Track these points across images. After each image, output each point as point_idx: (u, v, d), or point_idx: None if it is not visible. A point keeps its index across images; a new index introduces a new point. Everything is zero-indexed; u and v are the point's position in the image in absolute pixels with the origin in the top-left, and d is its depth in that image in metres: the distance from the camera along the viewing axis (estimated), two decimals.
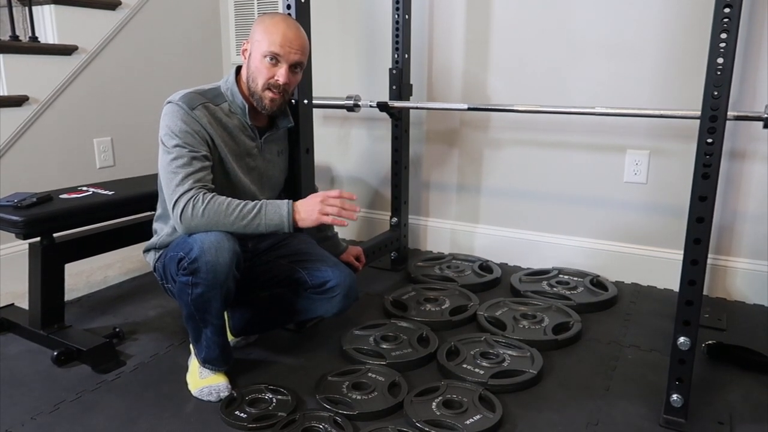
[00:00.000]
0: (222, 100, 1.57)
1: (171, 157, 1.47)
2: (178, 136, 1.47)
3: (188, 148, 1.47)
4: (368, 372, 1.62)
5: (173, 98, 1.51)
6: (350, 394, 1.51)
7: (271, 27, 1.51)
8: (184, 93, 1.52)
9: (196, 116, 1.49)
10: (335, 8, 2.70)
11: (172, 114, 1.49)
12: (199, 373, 1.56)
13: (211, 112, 1.53)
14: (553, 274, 2.32)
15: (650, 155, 2.21)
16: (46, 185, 2.27)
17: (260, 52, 1.51)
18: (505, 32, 2.37)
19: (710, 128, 1.26)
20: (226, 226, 1.44)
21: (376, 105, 2.24)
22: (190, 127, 1.48)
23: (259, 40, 1.52)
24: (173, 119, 1.48)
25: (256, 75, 1.53)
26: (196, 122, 1.49)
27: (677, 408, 1.40)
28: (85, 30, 2.50)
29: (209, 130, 1.51)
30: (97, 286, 2.31)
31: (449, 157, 2.60)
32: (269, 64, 1.51)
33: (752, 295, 2.13)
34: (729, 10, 1.21)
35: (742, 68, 1.99)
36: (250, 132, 1.61)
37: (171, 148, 1.47)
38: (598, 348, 1.81)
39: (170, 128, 1.48)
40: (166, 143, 1.48)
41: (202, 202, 1.43)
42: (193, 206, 1.43)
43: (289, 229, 1.48)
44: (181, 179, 1.44)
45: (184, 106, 1.49)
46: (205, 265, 1.40)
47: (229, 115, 1.57)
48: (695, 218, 1.30)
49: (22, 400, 1.54)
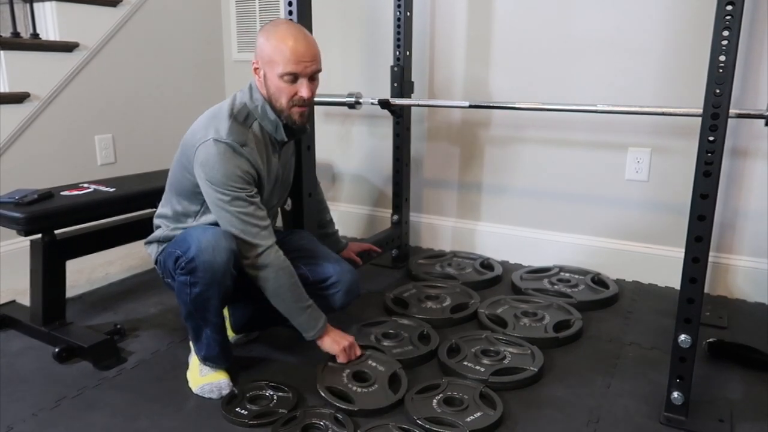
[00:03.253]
0: (252, 120, 1.53)
1: (228, 198, 1.45)
2: (233, 184, 1.44)
3: (245, 192, 1.46)
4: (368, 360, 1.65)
5: (219, 136, 1.44)
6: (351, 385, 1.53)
7: (280, 44, 1.46)
8: (228, 126, 1.46)
9: (247, 154, 1.46)
10: (336, 5, 2.70)
11: (223, 157, 1.43)
12: (200, 371, 1.57)
13: (257, 142, 1.51)
14: (554, 272, 2.32)
15: (652, 153, 2.20)
16: (48, 182, 2.27)
17: (276, 73, 1.47)
18: (507, 29, 2.37)
19: (712, 126, 1.26)
20: (284, 296, 1.53)
21: (377, 102, 2.24)
22: (242, 171, 1.45)
23: (270, 60, 1.47)
24: (225, 165, 1.43)
25: (279, 95, 1.50)
26: (248, 162, 1.46)
27: (678, 406, 1.39)
28: (87, 27, 2.50)
29: (258, 164, 1.50)
30: (98, 283, 2.31)
31: (451, 154, 2.60)
32: (288, 82, 1.48)
33: (753, 293, 2.13)
34: (731, 7, 1.20)
35: (744, 66, 1.99)
36: (277, 146, 1.59)
37: (226, 191, 1.44)
38: (599, 346, 1.81)
39: (224, 175, 1.43)
40: (218, 185, 1.44)
41: (283, 261, 1.51)
42: (277, 260, 1.50)
43: (310, 339, 1.59)
44: (250, 220, 1.46)
45: (235, 145, 1.45)
46: (203, 264, 1.40)
47: (263, 136, 1.54)
48: (697, 216, 1.30)
49: (23, 396, 1.54)
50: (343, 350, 1.59)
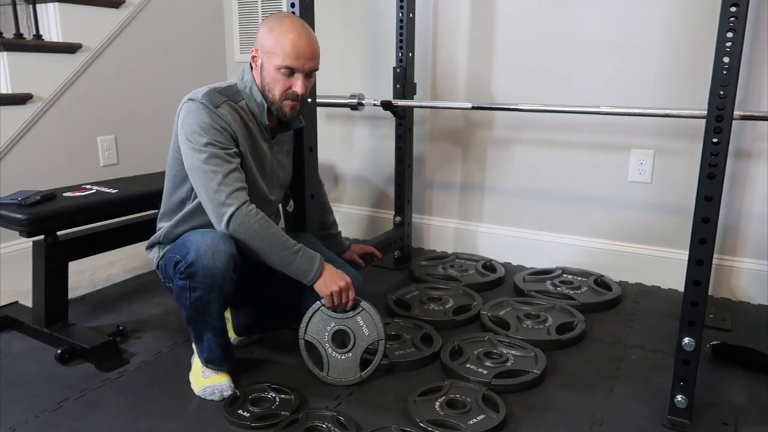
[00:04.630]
0: (239, 98, 1.54)
1: (205, 156, 1.44)
2: (208, 134, 1.44)
3: (221, 146, 1.45)
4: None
5: (195, 96, 1.48)
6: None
7: (282, 37, 1.47)
8: (205, 91, 1.49)
9: (221, 114, 1.47)
10: (339, 6, 2.70)
11: (197, 112, 1.46)
12: (202, 373, 1.56)
13: (234, 110, 1.51)
14: (557, 274, 2.31)
15: (655, 155, 2.20)
16: (50, 183, 2.27)
17: (273, 64, 1.48)
18: (510, 30, 2.36)
19: (716, 128, 1.26)
20: (269, 250, 1.46)
21: (380, 104, 2.23)
22: (218, 125, 1.46)
23: (270, 51, 1.48)
24: (200, 117, 1.45)
25: (273, 86, 1.51)
26: (222, 120, 1.47)
27: (682, 409, 1.39)
28: (89, 28, 2.50)
29: (234, 128, 1.49)
30: (100, 284, 2.31)
31: (453, 155, 2.59)
32: (284, 75, 1.49)
33: (757, 295, 2.12)
34: (735, 9, 1.20)
35: (748, 67, 1.98)
36: (265, 132, 1.59)
37: (203, 146, 1.44)
38: (602, 348, 1.81)
39: (199, 125, 1.44)
40: (195, 141, 1.44)
41: (255, 216, 1.44)
42: (247, 217, 1.44)
43: (309, 283, 1.52)
44: (224, 180, 1.43)
45: (208, 104, 1.46)
46: (202, 269, 1.40)
47: (247, 114, 1.55)
48: (701, 218, 1.30)
49: (25, 398, 1.54)
50: (330, 295, 1.52)
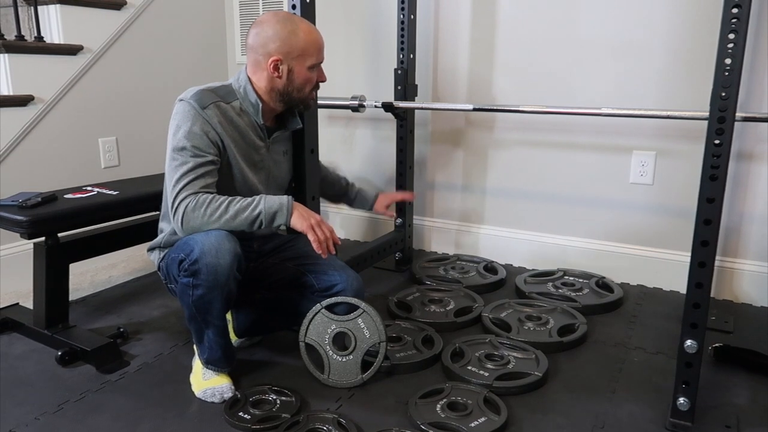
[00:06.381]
0: (233, 98, 1.56)
1: (177, 162, 1.46)
2: (186, 139, 1.46)
3: (194, 152, 1.46)
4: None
5: (185, 96, 1.50)
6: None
7: (308, 37, 1.53)
8: (195, 90, 1.51)
9: (207, 116, 1.48)
10: (340, 8, 2.70)
11: (183, 114, 1.48)
12: (203, 375, 1.56)
13: (223, 111, 1.52)
14: (559, 276, 2.31)
15: (656, 156, 2.19)
16: (51, 185, 2.27)
17: (306, 65, 1.54)
18: (511, 32, 2.36)
19: (718, 129, 1.25)
20: (227, 220, 1.44)
21: (381, 105, 2.23)
22: (201, 128, 1.47)
23: (302, 54, 1.52)
24: (183, 119, 1.47)
25: (305, 85, 1.57)
26: (206, 123, 1.48)
27: (684, 411, 1.38)
28: (91, 30, 2.50)
29: (219, 131, 1.50)
30: (101, 286, 2.31)
31: (454, 157, 2.59)
32: (314, 72, 1.57)
33: (759, 297, 2.11)
34: (737, 10, 1.20)
35: (750, 69, 1.98)
36: (260, 131, 1.60)
37: (178, 150, 1.46)
38: (604, 350, 1.80)
39: (180, 129, 1.47)
40: (174, 145, 1.47)
41: (201, 202, 1.43)
42: (193, 206, 1.43)
43: (288, 216, 1.47)
44: (181, 179, 1.44)
45: (195, 105, 1.48)
46: (206, 266, 1.40)
47: (240, 114, 1.56)
48: (703, 220, 1.29)
49: (26, 400, 1.54)
50: (311, 227, 1.48)
